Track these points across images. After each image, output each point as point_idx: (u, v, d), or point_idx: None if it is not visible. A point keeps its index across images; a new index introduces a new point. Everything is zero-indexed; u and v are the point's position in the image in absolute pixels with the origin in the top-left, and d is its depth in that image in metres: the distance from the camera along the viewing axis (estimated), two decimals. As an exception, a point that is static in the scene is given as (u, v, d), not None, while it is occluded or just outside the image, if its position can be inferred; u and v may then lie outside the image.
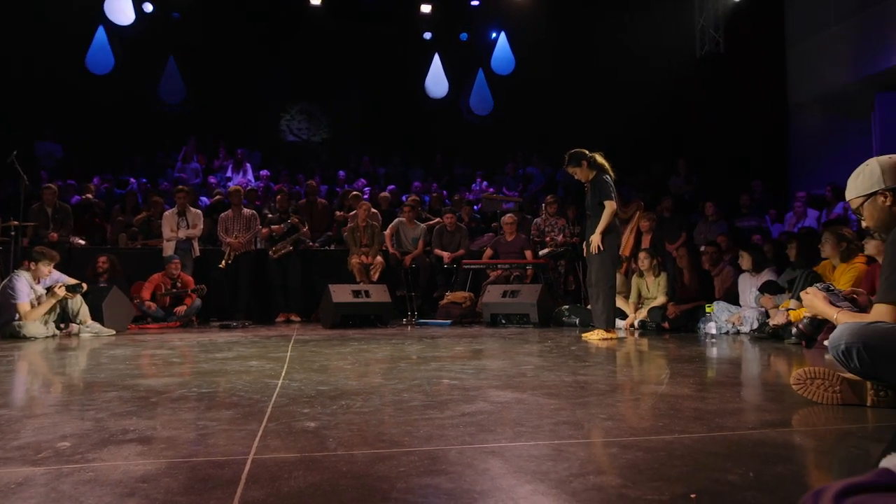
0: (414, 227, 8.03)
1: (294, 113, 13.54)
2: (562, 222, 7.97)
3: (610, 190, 5.04)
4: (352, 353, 4.13)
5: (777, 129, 11.00)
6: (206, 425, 2.05)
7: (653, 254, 6.28)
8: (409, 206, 8.11)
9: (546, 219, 8.02)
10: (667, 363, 3.62)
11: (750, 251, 5.75)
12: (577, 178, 5.22)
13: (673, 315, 5.84)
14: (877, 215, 2.31)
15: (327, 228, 9.01)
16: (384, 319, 6.64)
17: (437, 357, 3.86)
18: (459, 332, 5.89)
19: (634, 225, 7.11)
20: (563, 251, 7.73)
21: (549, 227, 7.95)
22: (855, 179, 2.36)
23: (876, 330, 2.11)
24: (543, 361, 3.62)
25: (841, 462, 1.66)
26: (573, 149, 5.18)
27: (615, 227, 5.14)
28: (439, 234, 8.00)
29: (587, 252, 5.19)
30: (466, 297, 7.21)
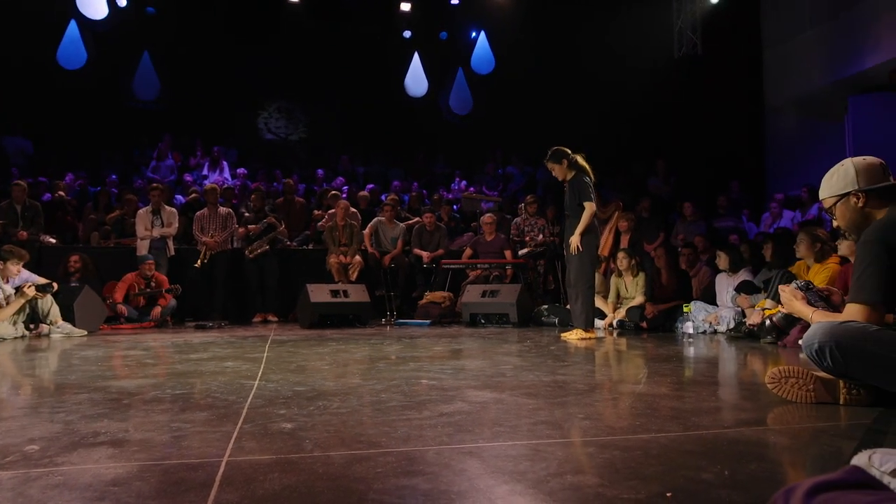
0: (393, 226, 8.02)
1: (272, 111, 13.43)
2: (541, 222, 8.02)
3: (589, 191, 5.08)
4: (330, 353, 4.11)
5: (754, 130, 11.16)
6: (179, 427, 2.03)
7: (631, 254, 6.34)
8: (389, 206, 8.10)
9: (526, 218, 8.06)
10: (644, 363, 3.65)
11: (727, 251, 5.83)
12: (555, 174, 5.25)
13: (651, 315, 5.90)
14: (848, 216, 2.35)
15: (305, 227, 8.96)
16: (363, 319, 6.62)
17: (415, 357, 3.85)
18: (438, 332, 5.90)
19: (613, 225, 7.17)
20: (543, 251, 7.78)
21: (528, 226, 7.99)
22: (829, 179, 2.40)
23: (848, 329, 2.15)
24: (522, 361, 3.64)
25: (814, 460, 1.69)
26: (554, 147, 5.21)
27: (594, 227, 5.18)
28: (419, 234, 7.99)
29: (566, 253, 5.23)
30: (446, 296, 7.22)
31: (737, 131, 10.99)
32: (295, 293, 7.10)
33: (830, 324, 2.21)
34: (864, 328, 2.13)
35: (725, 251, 5.83)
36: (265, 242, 7.55)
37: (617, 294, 6.43)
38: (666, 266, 6.16)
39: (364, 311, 6.62)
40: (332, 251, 7.52)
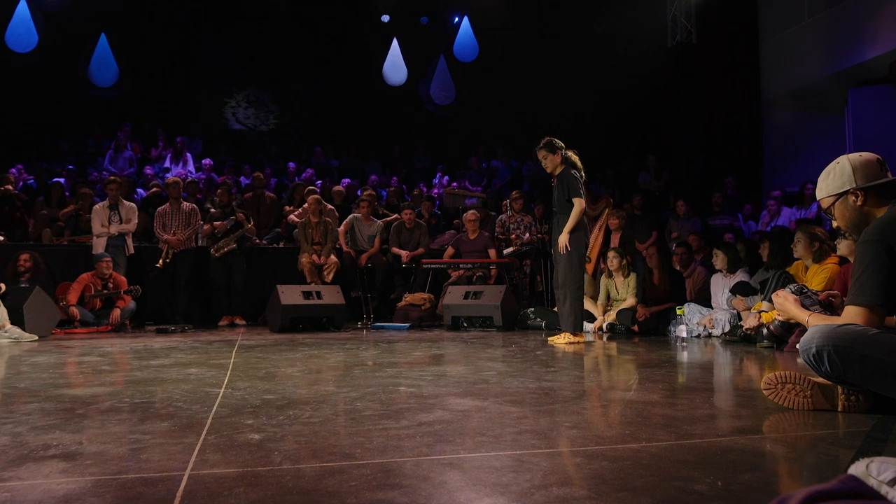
0: (370, 223, 8.00)
1: (240, 99, 13.33)
2: (528, 219, 8.05)
3: (578, 186, 5.11)
4: (301, 359, 4.09)
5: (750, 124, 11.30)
6: (138, 439, 2.01)
7: (622, 253, 6.38)
8: (365, 201, 8.08)
9: (511, 216, 8.09)
10: (636, 368, 3.68)
11: (722, 251, 5.89)
12: (545, 165, 5.26)
13: (643, 317, 5.95)
14: (848, 215, 2.38)
15: (275, 224, 8.91)
16: (337, 323, 6.60)
17: (393, 363, 3.85)
18: (418, 336, 5.89)
19: (603, 223, 7.22)
20: (529, 250, 7.81)
21: (514, 224, 8.02)
22: (825, 178, 2.43)
23: (846, 332, 2.19)
24: (507, 367, 3.65)
25: (810, 469, 1.72)
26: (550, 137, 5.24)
27: (583, 225, 5.21)
28: (397, 232, 7.99)
29: (554, 252, 5.25)
30: (426, 298, 7.22)
31: (732, 124, 11.12)
32: (264, 295, 7.06)
33: (828, 327, 2.24)
34: (863, 331, 2.16)
35: (721, 251, 5.90)
36: (232, 240, 7.50)
37: (607, 296, 6.47)
38: (658, 266, 6.22)
39: (338, 314, 6.61)
40: (304, 250, 7.49)
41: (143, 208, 8.29)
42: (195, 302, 7.57)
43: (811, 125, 10.52)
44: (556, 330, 5.56)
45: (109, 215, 7.40)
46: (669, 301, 5.99)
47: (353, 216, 8.05)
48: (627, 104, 11.39)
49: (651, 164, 10.66)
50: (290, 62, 12.72)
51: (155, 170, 10.61)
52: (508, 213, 8.14)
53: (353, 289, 7.62)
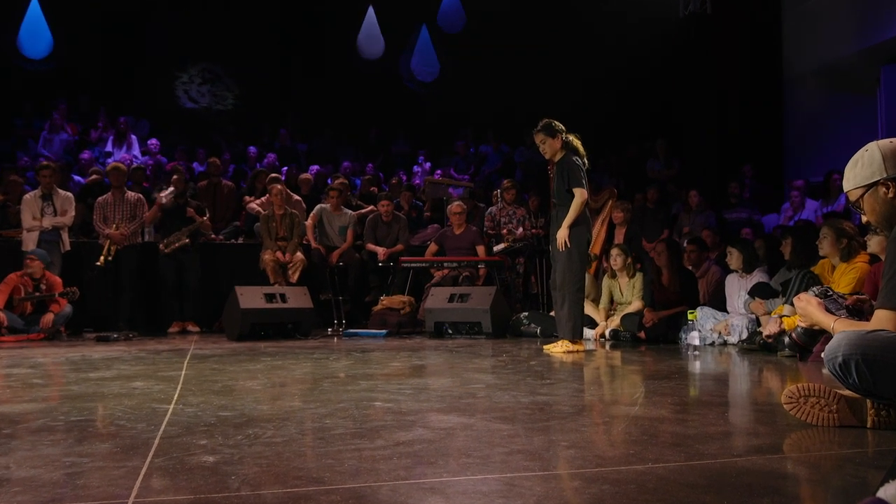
0: (340, 213, 7.98)
1: (194, 74, 13.23)
2: (521, 212, 8.07)
3: (580, 174, 5.12)
4: (263, 370, 4.08)
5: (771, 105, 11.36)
6: (75, 462, 2.00)
7: (627, 251, 6.41)
8: (335, 190, 8.05)
9: (502, 208, 8.09)
10: (642, 380, 3.70)
11: (739, 248, 5.93)
12: (543, 150, 5.27)
13: (650, 323, 5.98)
14: (879, 209, 2.40)
15: (234, 217, 8.85)
16: (304, 329, 6.58)
17: (368, 375, 3.84)
18: (396, 344, 5.88)
19: (606, 216, 7.25)
20: (523, 247, 7.83)
21: (505, 217, 8.03)
22: (853, 168, 2.45)
23: (876, 339, 2.21)
24: (497, 379, 3.65)
25: (836, 492, 1.74)
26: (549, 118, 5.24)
27: (585, 218, 5.23)
28: (373, 226, 7.97)
29: (552, 249, 5.26)
30: (405, 301, 7.21)
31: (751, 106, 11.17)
32: (221, 297, 7.01)
33: (856, 333, 2.26)
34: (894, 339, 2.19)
35: (737, 248, 5.93)
36: (184, 235, 7.45)
37: (610, 298, 6.49)
38: (668, 265, 6.25)
39: (306, 319, 6.58)
40: (267, 246, 7.45)
41: (81, 198, 8.20)
42: (141, 306, 7.50)
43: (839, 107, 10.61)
44: (553, 337, 5.58)
45: (42, 206, 7.31)
46: (680, 305, 6.03)
47: (321, 207, 8.03)
48: (633, 82, 11.42)
49: (660, 151, 10.71)
50: (251, 32, 12.63)
51: (95, 154, 10.51)
52: (499, 205, 8.15)
53: (323, 290, 7.60)
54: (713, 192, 9.58)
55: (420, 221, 9.35)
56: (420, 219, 9.44)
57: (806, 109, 11.09)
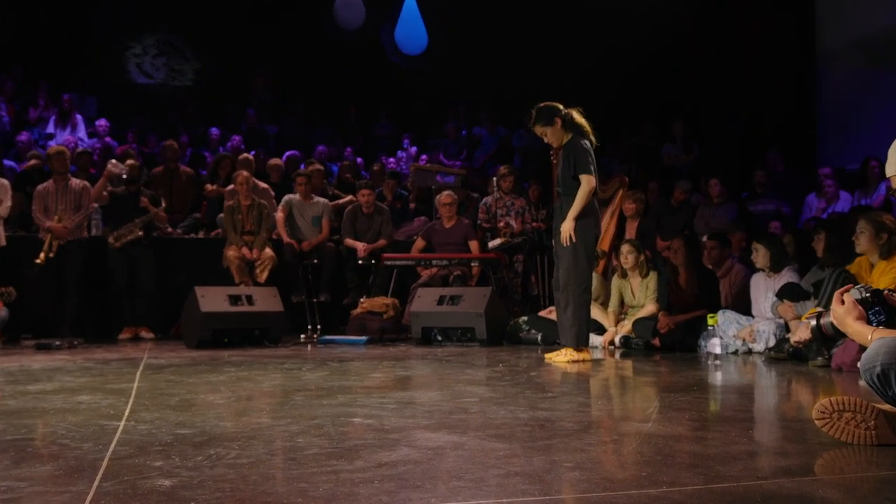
0: (310, 202, 7.94)
1: (148, 45, 13.15)
2: (520, 203, 8.06)
3: (588, 160, 5.11)
4: (227, 382, 4.07)
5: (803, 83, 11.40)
6: (11, 487, 1.99)
7: (639, 247, 6.42)
8: (303, 176, 8.01)
9: (499, 198, 8.09)
10: (656, 393, 3.71)
11: (766, 244, 5.95)
12: (548, 141, 5.27)
13: (665, 329, 5.99)
14: (923, 198, 2.42)
15: (193, 208, 8.82)
16: (273, 336, 6.57)
17: (346, 387, 3.84)
18: (379, 352, 5.88)
19: (616, 208, 7.25)
20: (522, 242, 7.82)
21: (502, 209, 8.02)
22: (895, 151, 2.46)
23: (919, 347, 2.22)
24: (492, 392, 3.65)
25: (874, 519, 1.74)
26: (540, 103, 5.23)
27: (593, 210, 5.22)
28: (352, 218, 7.95)
29: (555, 244, 5.26)
30: (389, 304, 7.20)
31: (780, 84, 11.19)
32: (179, 299, 6.99)
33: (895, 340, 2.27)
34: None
35: (762, 244, 5.95)
36: (137, 227, 7.41)
37: (620, 301, 6.50)
38: (685, 264, 6.26)
39: (275, 324, 6.57)
40: (231, 241, 7.43)
41: (19, 186, 8.14)
42: (87, 309, 7.46)
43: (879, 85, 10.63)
44: (556, 344, 5.58)
45: (-27, 195, 7.27)
46: (699, 308, 6.03)
47: (289, 198, 8.00)
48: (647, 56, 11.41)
49: (677, 133, 10.69)
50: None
51: (34, 135, 10.43)
52: (495, 195, 8.14)
53: (295, 292, 7.58)
54: (737, 180, 9.59)
55: (405, 213, 9.34)
56: (405, 210, 9.42)
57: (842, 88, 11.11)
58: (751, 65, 11.13)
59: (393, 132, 12.62)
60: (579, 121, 5.21)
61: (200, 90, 13.06)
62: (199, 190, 8.97)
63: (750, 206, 9.00)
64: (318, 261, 7.74)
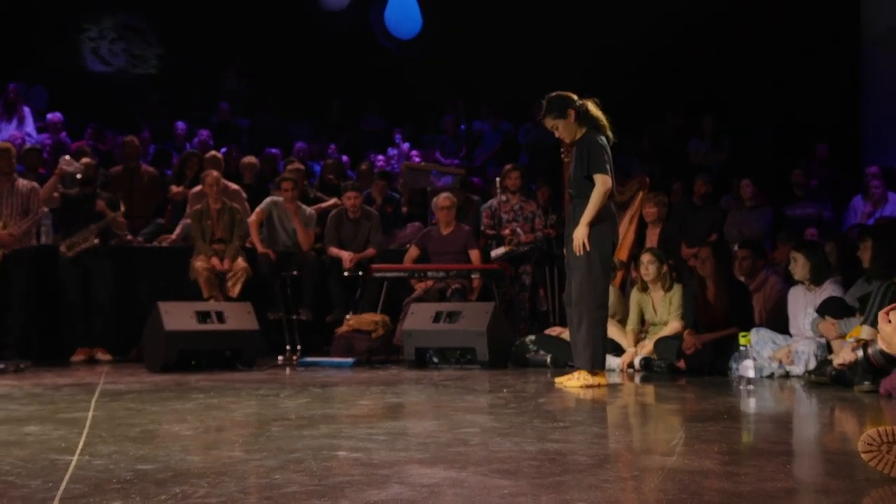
0: (296, 210, 7.95)
1: (105, 29, 13.16)
2: (530, 207, 7.99)
3: (604, 157, 5.10)
4: (194, 411, 4.06)
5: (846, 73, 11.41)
6: (-52, 530, 1.98)
7: (661, 257, 6.41)
8: (289, 179, 8.01)
9: (505, 201, 8.06)
10: (681, 422, 3.70)
11: (805, 253, 5.95)
12: (559, 136, 5.29)
13: (691, 349, 5.99)
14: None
15: (157, 213, 8.80)
16: (247, 358, 6.55)
17: (330, 416, 3.83)
18: (367, 376, 5.87)
19: (636, 212, 7.26)
20: (529, 251, 7.80)
21: (508, 213, 7.98)
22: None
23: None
24: (495, 421, 3.65)
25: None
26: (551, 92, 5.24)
27: (610, 214, 5.22)
28: (336, 224, 7.95)
29: (567, 253, 5.25)
30: (378, 321, 7.18)
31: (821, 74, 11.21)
32: (140, 316, 6.98)
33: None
34: None
35: (803, 253, 5.95)
36: (92, 234, 7.40)
37: (641, 318, 6.49)
38: (714, 275, 6.26)
39: (249, 344, 6.56)
40: (199, 250, 7.42)
41: (-41, 188, 8.14)
42: (36, 327, 7.44)
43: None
44: (568, 367, 5.57)
45: None
46: (730, 326, 6.04)
47: (272, 200, 7.99)
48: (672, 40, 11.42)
49: (705, 128, 10.70)
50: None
51: (-26, 131, 10.44)
52: (501, 198, 8.10)
53: (272, 307, 7.57)
54: (772, 180, 9.59)
55: (397, 218, 9.33)
56: (397, 215, 9.41)
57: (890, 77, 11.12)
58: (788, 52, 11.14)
59: (382, 127, 12.62)
60: (595, 113, 5.22)
61: (164, 79, 13.06)
62: (163, 192, 8.96)
63: (787, 211, 9.01)
64: (297, 272, 7.72)
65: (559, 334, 6.54)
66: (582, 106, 5.21)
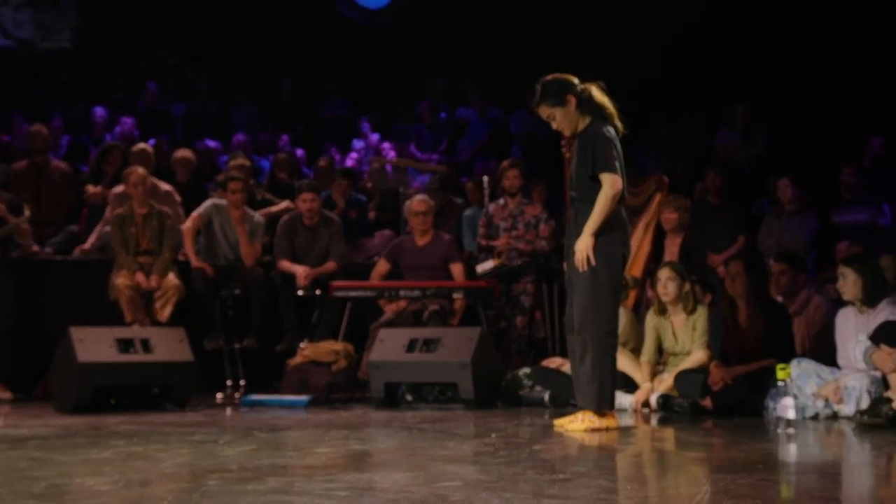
0: (241, 217, 7.94)
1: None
2: (533, 210, 7.94)
3: (613, 154, 5.11)
4: (113, 461, 4.04)
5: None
6: None
7: (683, 273, 6.43)
8: (237, 179, 7.99)
9: (503, 206, 8.04)
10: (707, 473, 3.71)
11: (856, 268, 5.96)
12: (557, 127, 5.27)
13: (720, 385, 6.00)
14: None
15: (70, 218, 8.79)
16: (179, 395, 6.54)
17: (280, 467, 3.82)
18: (325, 417, 5.86)
19: (652, 219, 7.28)
20: (522, 265, 7.79)
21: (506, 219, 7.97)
22: None
23: None
24: (482, 473, 3.64)
25: None
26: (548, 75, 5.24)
27: (620, 222, 5.23)
28: (289, 233, 7.94)
29: (568, 269, 5.26)
30: (339, 351, 7.18)
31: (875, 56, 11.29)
32: (48, 345, 6.96)
33: None
34: None
35: (853, 268, 5.97)
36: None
37: (659, 347, 6.50)
38: (746, 295, 6.28)
39: (182, 379, 6.55)
40: (121, 264, 7.39)
41: None
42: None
43: None
44: (570, 407, 5.58)
45: None
46: (765, 356, 6.06)
47: (212, 204, 7.98)
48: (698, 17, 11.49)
49: (738, 118, 10.72)
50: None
51: None
52: (500, 202, 8.09)
53: (210, 334, 7.56)
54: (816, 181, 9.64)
55: (363, 226, 9.33)
56: (363, 222, 9.41)
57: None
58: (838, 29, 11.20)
59: (346, 114, 12.63)
60: (600, 100, 5.22)
61: (81, 55, 13.05)
62: (78, 192, 8.93)
63: (835, 216, 9.03)
64: (241, 291, 7.71)
65: (559, 367, 6.54)
66: (584, 91, 5.20)
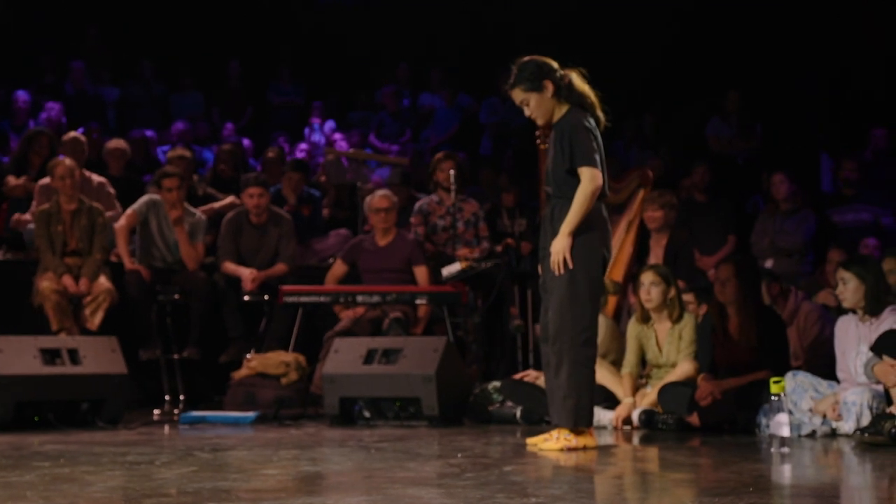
0: (179, 213, 7.92)
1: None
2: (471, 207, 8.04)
3: (593, 146, 5.12)
4: (37, 485, 4.01)
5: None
6: None
7: (669, 277, 6.46)
8: (175, 175, 7.97)
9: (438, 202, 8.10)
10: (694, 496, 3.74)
11: (857, 272, 6.01)
12: (531, 115, 5.28)
13: (708, 400, 6.03)
14: None
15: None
16: (111, 412, 6.52)
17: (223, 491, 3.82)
18: (274, 436, 5.85)
19: (635, 217, 7.32)
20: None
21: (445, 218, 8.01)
22: None
23: None
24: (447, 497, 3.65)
25: None
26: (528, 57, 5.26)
27: (599, 220, 5.25)
28: (234, 231, 7.93)
29: (543, 272, 5.28)
30: (290, 362, 7.18)
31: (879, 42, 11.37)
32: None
33: None
34: None
35: (854, 272, 6.01)
36: None
37: (641, 359, 6.53)
38: (737, 301, 6.32)
39: (114, 393, 6.53)
40: (47, 266, 7.37)
41: None
42: None
43: None
44: (544, 423, 5.60)
45: None
46: (757, 368, 6.10)
47: (149, 200, 7.96)
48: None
49: (731, 108, 10.78)
50: None
51: None
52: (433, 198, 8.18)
53: (145, 343, 7.53)
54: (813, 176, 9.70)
55: (316, 224, 9.32)
56: (317, 219, 9.41)
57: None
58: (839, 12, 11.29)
59: (298, 100, 12.61)
60: (581, 88, 5.23)
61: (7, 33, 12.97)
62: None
63: (834, 215, 9.09)
64: (180, 296, 7.69)
65: (534, 380, 6.57)
66: (564, 78, 5.22)
